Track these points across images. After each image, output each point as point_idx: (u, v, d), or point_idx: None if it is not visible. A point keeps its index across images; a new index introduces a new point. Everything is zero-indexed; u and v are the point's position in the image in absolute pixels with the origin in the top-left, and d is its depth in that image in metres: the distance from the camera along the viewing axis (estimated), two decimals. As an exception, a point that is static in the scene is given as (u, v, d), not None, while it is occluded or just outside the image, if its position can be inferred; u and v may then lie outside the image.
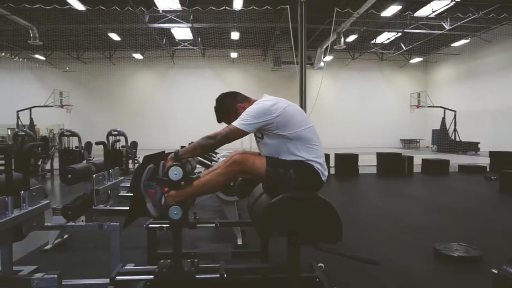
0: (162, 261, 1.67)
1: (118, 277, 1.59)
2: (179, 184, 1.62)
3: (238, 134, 1.69)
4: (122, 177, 3.02)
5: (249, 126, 1.68)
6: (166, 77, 21.49)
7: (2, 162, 6.15)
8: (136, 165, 8.87)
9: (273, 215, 1.45)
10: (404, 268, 2.81)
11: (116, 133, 8.10)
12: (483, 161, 11.07)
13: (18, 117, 16.39)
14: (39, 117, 17.14)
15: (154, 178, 1.62)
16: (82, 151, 8.65)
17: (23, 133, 8.15)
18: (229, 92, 2.02)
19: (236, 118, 1.80)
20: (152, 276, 1.57)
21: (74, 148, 8.57)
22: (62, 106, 17.97)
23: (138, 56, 19.55)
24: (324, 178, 1.73)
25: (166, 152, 1.93)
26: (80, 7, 11.91)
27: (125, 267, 1.68)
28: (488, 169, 9.32)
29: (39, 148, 7.73)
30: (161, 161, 1.70)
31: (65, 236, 3.51)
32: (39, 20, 13.66)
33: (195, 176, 1.82)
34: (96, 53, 19.76)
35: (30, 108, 16.55)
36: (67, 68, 20.31)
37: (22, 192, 1.61)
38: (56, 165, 8.76)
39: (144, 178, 1.60)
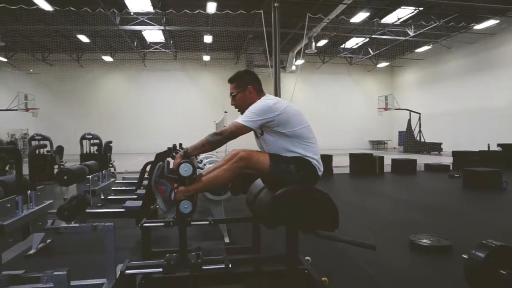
0: (168, 255, 1.74)
1: (128, 271, 1.65)
2: (189, 180, 1.71)
3: (243, 130, 1.83)
4: (114, 179, 3.04)
5: (253, 123, 1.83)
6: (138, 80, 21.11)
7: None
8: (111, 169, 8.69)
9: (278, 206, 1.58)
10: (383, 257, 3.02)
11: (90, 136, 7.88)
12: (446, 160, 11.76)
13: (-22, 122, 15.56)
14: (0, 122, 16.36)
15: (164, 175, 1.71)
16: (54, 155, 8.39)
17: (-10, 137, 7.79)
18: (255, 74, 2.16)
19: (243, 92, 2.02)
20: (160, 269, 1.65)
21: (45, 153, 8.27)
22: (27, 109, 17.19)
23: (108, 58, 19.08)
24: (320, 173, 1.89)
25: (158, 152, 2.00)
26: (47, 7, 11.52)
27: (132, 262, 1.74)
28: (451, 168, 9.93)
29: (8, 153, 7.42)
30: (166, 159, 1.78)
31: (48, 241, 3.46)
32: (1, 20, 13.06)
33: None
34: (63, 55, 19.09)
35: (-9, 112, 15.76)
36: (31, 70, 19.45)
37: (29, 192, 1.64)
38: (25, 170, 8.43)
39: (155, 175, 1.68)
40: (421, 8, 13.37)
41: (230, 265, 1.70)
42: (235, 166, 1.79)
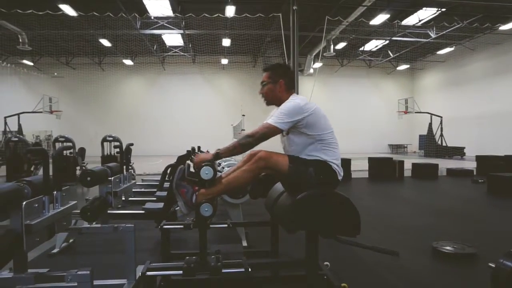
0: (187, 257, 1.75)
1: (149, 273, 1.67)
2: (209, 183, 1.72)
3: (275, 131, 1.84)
4: (134, 181, 3.09)
5: (284, 125, 1.83)
6: (157, 83, 21.49)
7: None
8: (130, 171, 8.85)
9: (299, 211, 1.57)
10: (405, 264, 2.95)
11: (111, 139, 8.05)
12: (470, 165, 11.42)
13: (5, 123, 16.15)
14: (26, 123, 16.94)
15: (185, 178, 1.72)
16: (76, 157, 8.62)
17: (16, 139, 8.06)
18: (290, 70, 2.18)
19: (273, 84, 2.03)
20: (180, 271, 1.66)
21: (68, 154, 8.50)
22: (51, 112, 17.76)
23: (128, 62, 19.53)
24: (340, 178, 1.87)
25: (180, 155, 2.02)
26: (72, 13, 11.90)
27: (153, 264, 1.76)
28: (475, 173, 9.63)
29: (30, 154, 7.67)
30: (186, 162, 1.80)
31: (71, 240, 3.54)
32: (28, 25, 13.57)
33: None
34: (85, 58, 19.66)
35: (18, 114, 16.32)
36: (56, 73, 20.11)
37: (55, 192, 1.69)
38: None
39: (176, 177, 1.70)
40: (443, 9, 13.07)
41: (249, 269, 1.70)
42: (255, 167, 1.79)
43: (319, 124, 1.88)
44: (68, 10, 11.65)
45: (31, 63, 19.33)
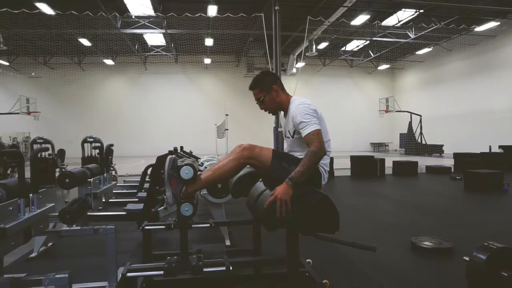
0: (169, 257, 1.74)
1: (129, 274, 1.65)
2: (190, 182, 1.71)
3: (321, 132, 1.84)
4: (115, 182, 3.04)
5: (319, 125, 1.85)
6: (139, 83, 21.19)
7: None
8: (112, 172, 8.71)
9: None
10: (385, 260, 3.01)
11: (91, 140, 7.89)
12: (448, 162, 11.74)
13: (-20, 125, 15.64)
14: (1, 125, 16.44)
15: (176, 168, 1.71)
16: (55, 158, 8.42)
17: (-8, 141, 7.81)
18: (274, 73, 2.19)
19: (267, 94, 2.01)
20: (161, 272, 1.65)
21: (47, 156, 8.29)
22: (29, 113, 17.26)
23: (109, 61, 19.17)
24: (323, 182, 1.91)
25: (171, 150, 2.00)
26: (49, 11, 11.59)
27: (134, 265, 1.75)
28: (452, 170, 9.92)
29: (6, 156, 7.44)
30: (169, 156, 1.79)
31: (50, 244, 3.46)
32: (3, 23, 13.15)
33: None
34: (64, 58, 19.18)
35: (-7, 116, 15.83)
36: (33, 73, 19.55)
37: (31, 195, 1.65)
38: (27, 173, 8.45)
39: (168, 168, 1.69)
40: (421, 11, 13.40)
41: (231, 268, 1.71)
42: (239, 156, 1.83)
43: (323, 129, 1.91)
44: (45, 8, 11.33)
45: (7, 63, 18.72)
